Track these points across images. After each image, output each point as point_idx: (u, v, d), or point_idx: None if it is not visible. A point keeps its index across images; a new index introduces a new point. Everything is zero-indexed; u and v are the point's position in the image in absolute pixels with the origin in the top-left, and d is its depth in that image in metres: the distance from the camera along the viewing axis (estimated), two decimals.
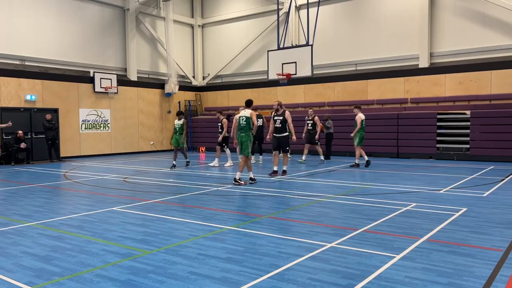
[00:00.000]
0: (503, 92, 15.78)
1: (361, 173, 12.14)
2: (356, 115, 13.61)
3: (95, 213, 7.16)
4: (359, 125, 13.40)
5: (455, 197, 8.16)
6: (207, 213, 7.00)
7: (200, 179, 11.25)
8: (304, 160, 15.16)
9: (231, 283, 3.95)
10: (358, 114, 13.57)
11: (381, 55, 18.49)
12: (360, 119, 13.44)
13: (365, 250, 4.85)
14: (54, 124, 16.79)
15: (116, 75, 20.00)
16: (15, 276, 4.22)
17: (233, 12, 22.90)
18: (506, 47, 15.93)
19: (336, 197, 8.32)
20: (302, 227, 6.02)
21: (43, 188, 10.07)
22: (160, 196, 8.69)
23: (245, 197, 8.50)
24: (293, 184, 10.18)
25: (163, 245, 5.18)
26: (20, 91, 16.85)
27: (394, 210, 6.99)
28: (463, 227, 5.86)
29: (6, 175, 12.76)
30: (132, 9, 20.66)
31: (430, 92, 17.27)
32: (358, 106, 14.01)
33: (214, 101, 24.03)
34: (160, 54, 22.67)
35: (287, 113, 11.14)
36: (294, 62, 15.37)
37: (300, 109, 20.26)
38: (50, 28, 18.08)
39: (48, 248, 5.13)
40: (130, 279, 4.09)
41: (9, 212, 7.33)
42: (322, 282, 3.94)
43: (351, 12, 19.27)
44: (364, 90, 18.76)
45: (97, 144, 19.53)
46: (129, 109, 20.87)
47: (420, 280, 3.97)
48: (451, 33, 16.97)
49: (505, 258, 4.55)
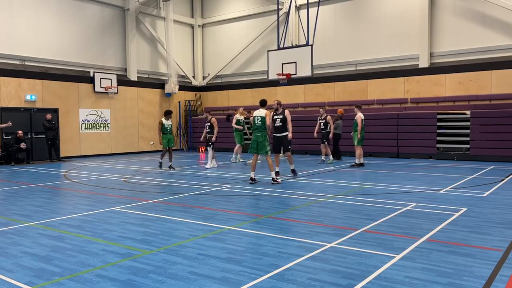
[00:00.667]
0: (503, 92, 15.78)
1: (361, 173, 12.14)
2: (356, 115, 13.64)
3: (95, 213, 7.16)
4: (359, 125, 13.43)
5: (455, 197, 8.16)
6: (207, 213, 7.00)
7: (200, 179, 11.25)
8: (332, 160, 15.12)
9: (231, 283, 3.95)
10: (358, 113, 13.58)
11: (381, 55, 18.48)
12: (360, 119, 13.47)
13: (365, 250, 4.85)
14: (54, 124, 16.79)
15: (116, 75, 20.00)
16: (15, 276, 4.22)
17: (233, 12, 22.90)
18: (506, 47, 15.93)
19: (336, 197, 8.32)
20: (302, 227, 6.02)
21: (43, 188, 10.07)
22: (160, 196, 8.69)
23: (245, 197, 8.49)
24: (293, 184, 10.18)
25: (163, 245, 5.18)
26: (20, 91, 16.85)
27: (394, 210, 6.99)
28: (463, 227, 5.86)
29: (6, 175, 12.76)
30: (132, 9, 20.66)
31: (430, 92, 17.26)
32: (359, 105, 14.02)
33: (214, 101, 24.03)
34: (160, 54, 22.67)
35: (286, 112, 11.10)
36: (294, 62, 15.37)
37: (300, 109, 20.26)
38: (50, 28, 18.08)
39: (48, 248, 5.13)
40: (130, 279, 4.09)
41: (9, 212, 7.33)
42: (322, 282, 3.94)
43: (351, 12, 19.27)
44: (364, 90, 18.76)
45: (97, 144, 19.53)
46: (129, 109, 20.88)
47: (420, 280, 3.97)
48: (451, 33, 16.97)
49: (505, 258, 4.55)
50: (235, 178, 11.41)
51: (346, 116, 17.68)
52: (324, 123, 14.85)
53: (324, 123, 14.85)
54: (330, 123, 14.78)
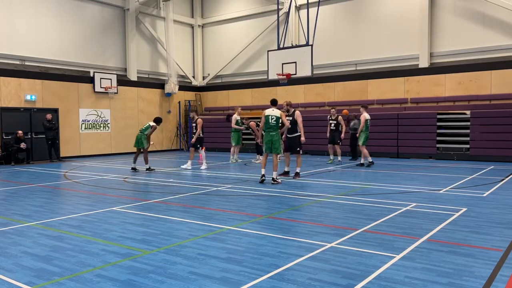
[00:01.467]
0: (503, 92, 15.78)
1: (361, 173, 12.14)
2: (361, 115, 13.58)
3: (95, 213, 7.16)
4: (362, 124, 13.37)
5: (455, 197, 8.16)
6: (207, 213, 7.00)
7: (200, 179, 11.25)
8: (332, 161, 15.04)
9: (231, 283, 3.95)
10: (363, 113, 13.55)
11: (381, 55, 18.48)
12: (364, 119, 13.40)
13: (365, 250, 4.85)
14: (54, 124, 16.79)
15: (116, 75, 20.00)
16: (15, 276, 4.22)
17: (233, 12, 22.90)
18: (506, 47, 15.93)
19: (336, 197, 8.32)
20: (302, 227, 6.02)
21: (43, 188, 10.07)
22: (160, 196, 8.69)
23: (245, 197, 8.49)
24: (293, 184, 10.18)
25: (163, 245, 5.18)
26: (20, 91, 16.85)
27: (394, 210, 6.99)
28: (463, 227, 5.86)
29: (6, 175, 12.76)
30: (132, 9, 20.66)
31: (430, 92, 17.27)
32: (365, 105, 14.00)
33: (214, 101, 24.04)
34: (160, 54, 22.67)
35: (297, 113, 10.95)
36: (294, 62, 15.37)
37: (300, 109, 20.22)
38: (50, 28, 18.08)
39: (48, 248, 5.13)
40: (130, 279, 4.09)
41: (9, 212, 7.33)
42: (322, 282, 3.94)
43: (351, 12, 19.27)
44: (364, 90, 18.76)
45: (97, 144, 19.53)
46: (129, 109, 20.88)
47: (420, 280, 3.97)
48: (451, 33, 16.97)
49: (505, 258, 4.55)
50: (235, 178, 11.41)
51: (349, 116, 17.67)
52: (336, 124, 14.70)
53: (336, 124, 14.70)
54: (341, 123, 14.65)
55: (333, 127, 14.75)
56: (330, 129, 14.82)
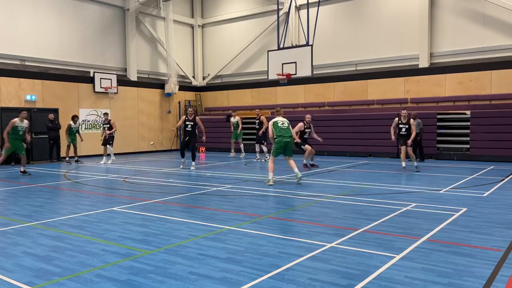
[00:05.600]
0: (503, 92, 15.77)
1: (361, 173, 12.13)
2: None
3: (95, 213, 7.16)
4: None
5: (455, 197, 8.16)
6: (207, 213, 7.00)
7: (200, 179, 11.25)
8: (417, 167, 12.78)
9: (231, 283, 3.95)
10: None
11: (381, 55, 18.48)
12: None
13: (365, 250, 4.85)
14: (57, 124, 16.79)
15: (116, 75, 19.99)
16: (15, 276, 4.22)
17: (233, 12, 22.89)
18: (506, 47, 15.92)
19: (336, 197, 8.32)
20: (302, 227, 6.02)
21: (43, 188, 10.07)
22: (160, 196, 8.69)
23: (245, 197, 8.49)
24: (293, 184, 10.18)
25: (163, 245, 5.18)
26: (20, 91, 16.84)
27: (394, 210, 6.99)
28: (463, 227, 5.86)
29: (6, 175, 12.76)
30: (132, 9, 20.65)
31: (430, 92, 17.26)
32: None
33: (214, 101, 24.03)
34: (160, 54, 22.67)
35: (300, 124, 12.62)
36: (294, 62, 15.38)
37: (300, 109, 20.25)
38: (50, 28, 18.07)
39: (48, 248, 5.13)
40: (130, 279, 4.09)
41: (9, 212, 7.33)
42: (322, 282, 3.94)
43: (351, 12, 19.27)
44: (364, 90, 18.75)
45: (97, 144, 19.48)
46: (129, 109, 20.87)
47: (420, 280, 3.97)
48: (451, 33, 16.96)
49: (505, 258, 4.55)
50: (235, 178, 11.41)
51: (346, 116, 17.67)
52: (407, 128, 12.29)
53: (407, 128, 12.29)
54: (413, 127, 12.35)
55: (403, 132, 12.29)
56: (401, 134, 12.37)
